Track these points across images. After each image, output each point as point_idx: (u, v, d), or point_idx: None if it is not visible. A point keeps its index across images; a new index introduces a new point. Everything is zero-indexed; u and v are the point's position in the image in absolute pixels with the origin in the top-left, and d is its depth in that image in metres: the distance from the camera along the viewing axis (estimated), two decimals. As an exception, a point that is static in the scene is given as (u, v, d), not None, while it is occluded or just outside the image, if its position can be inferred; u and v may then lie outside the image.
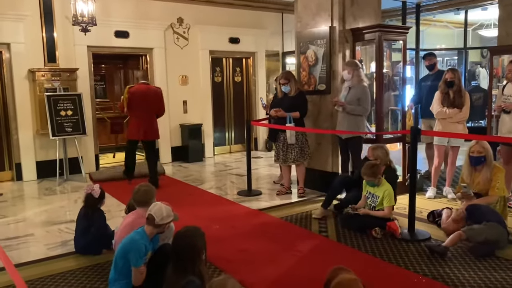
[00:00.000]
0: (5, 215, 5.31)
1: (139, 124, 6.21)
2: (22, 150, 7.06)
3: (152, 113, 6.32)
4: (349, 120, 5.30)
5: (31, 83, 7.04)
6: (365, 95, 5.28)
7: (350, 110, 5.24)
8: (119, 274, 2.92)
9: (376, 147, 4.65)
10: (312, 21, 5.92)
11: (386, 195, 4.25)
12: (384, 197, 4.25)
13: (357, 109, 5.24)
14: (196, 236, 2.59)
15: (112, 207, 5.37)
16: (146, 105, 6.19)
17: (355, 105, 5.24)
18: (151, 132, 6.32)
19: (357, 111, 5.25)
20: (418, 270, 3.46)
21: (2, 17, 6.71)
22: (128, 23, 7.86)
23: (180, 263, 2.51)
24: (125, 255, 2.88)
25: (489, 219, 3.82)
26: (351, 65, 5.27)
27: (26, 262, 3.79)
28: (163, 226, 2.98)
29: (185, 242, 2.55)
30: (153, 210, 2.94)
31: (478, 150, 4.27)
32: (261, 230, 4.52)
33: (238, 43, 9.28)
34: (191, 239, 2.56)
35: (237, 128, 9.76)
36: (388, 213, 4.26)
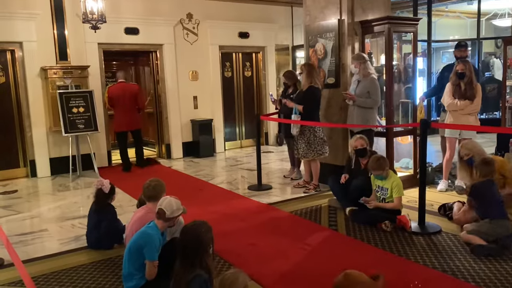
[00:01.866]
0: (20, 211, 5.41)
1: (123, 117, 7.40)
2: (36, 147, 7.18)
3: (132, 106, 7.46)
4: (359, 113, 5.28)
5: (44, 80, 7.14)
6: (375, 87, 5.24)
7: (360, 103, 5.22)
8: (134, 269, 2.94)
9: (361, 136, 4.71)
10: (320, 14, 5.89)
11: (395, 186, 4.23)
12: (392, 188, 4.24)
13: (367, 101, 5.22)
14: (203, 230, 2.61)
15: (123, 202, 5.43)
16: (125, 100, 7.35)
17: (365, 98, 5.21)
18: (134, 123, 7.50)
19: (367, 103, 5.22)
20: (428, 263, 3.44)
21: (14, 16, 6.81)
22: (138, 20, 7.91)
23: (187, 257, 2.53)
24: (140, 250, 2.90)
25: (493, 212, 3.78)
26: (358, 59, 5.25)
27: (41, 257, 3.87)
28: (173, 220, 3.01)
29: (192, 236, 2.56)
30: (163, 204, 2.97)
31: (465, 154, 4.27)
32: (271, 224, 4.54)
33: (247, 37, 9.27)
34: (198, 233, 2.57)
35: (247, 123, 9.78)
36: (397, 204, 4.25)
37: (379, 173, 4.27)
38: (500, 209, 3.80)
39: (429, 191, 4.79)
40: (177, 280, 2.57)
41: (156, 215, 2.99)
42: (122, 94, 7.34)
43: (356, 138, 4.69)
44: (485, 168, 3.88)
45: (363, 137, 4.69)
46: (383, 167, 4.25)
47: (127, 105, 7.37)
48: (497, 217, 3.73)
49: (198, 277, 2.45)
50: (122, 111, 7.38)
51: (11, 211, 5.40)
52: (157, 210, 2.98)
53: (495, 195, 3.86)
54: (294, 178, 6.41)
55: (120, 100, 7.33)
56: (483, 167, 3.89)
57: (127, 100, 7.36)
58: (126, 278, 2.98)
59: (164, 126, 8.62)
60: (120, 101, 7.33)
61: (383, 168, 4.25)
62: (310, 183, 5.80)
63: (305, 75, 5.55)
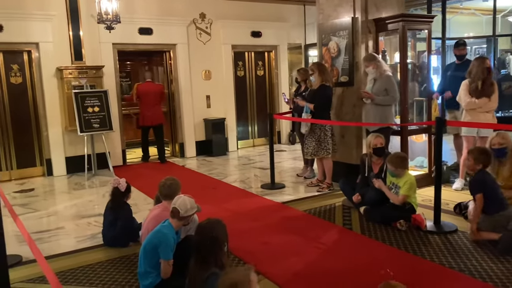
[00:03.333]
0: (37, 209, 5.50)
1: (147, 113, 8.03)
2: (52, 146, 7.28)
3: (156, 103, 8.12)
4: (376, 112, 5.23)
5: (59, 81, 7.24)
6: (391, 84, 5.21)
7: (379, 101, 5.17)
8: (149, 267, 2.96)
9: (378, 135, 4.64)
10: (334, 12, 5.87)
11: (407, 184, 4.21)
12: (403, 185, 4.22)
13: (386, 99, 5.18)
14: (217, 228, 2.62)
15: (139, 201, 5.48)
16: (150, 97, 8.04)
17: (383, 96, 5.18)
18: (157, 117, 8.12)
19: (386, 101, 5.19)
20: (444, 262, 3.41)
21: (31, 17, 6.91)
22: (152, 20, 7.97)
23: (202, 255, 2.54)
24: (155, 249, 2.92)
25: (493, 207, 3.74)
26: (372, 60, 5.21)
27: (57, 254, 3.93)
28: (187, 218, 3.03)
29: (207, 234, 2.58)
30: (177, 203, 2.98)
31: (499, 142, 4.16)
32: (285, 223, 4.54)
33: (260, 36, 9.27)
34: (212, 231, 2.58)
35: (260, 122, 9.78)
36: (400, 199, 4.23)
37: (397, 172, 4.24)
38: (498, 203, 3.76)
39: (445, 190, 4.74)
40: (192, 278, 2.59)
41: (170, 214, 3.01)
42: (148, 92, 8.06)
43: (375, 136, 4.62)
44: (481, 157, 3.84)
45: (381, 136, 4.63)
46: (405, 166, 4.25)
47: (152, 102, 8.03)
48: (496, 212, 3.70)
49: (214, 275, 2.46)
50: (147, 107, 8.05)
51: (29, 209, 5.49)
52: (171, 209, 2.99)
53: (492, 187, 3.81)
54: (307, 177, 6.40)
55: (145, 97, 8.04)
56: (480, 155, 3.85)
57: (152, 97, 8.04)
58: (142, 276, 3.00)
59: (178, 125, 8.68)
60: (145, 98, 8.03)
61: (404, 167, 4.24)
62: (323, 182, 5.78)
63: (316, 74, 5.56)
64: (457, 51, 6.14)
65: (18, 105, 7.18)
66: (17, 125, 7.19)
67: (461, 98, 5.22)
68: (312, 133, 5.58)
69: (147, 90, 8.06)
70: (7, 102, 7.09)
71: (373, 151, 4.60)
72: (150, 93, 8.05)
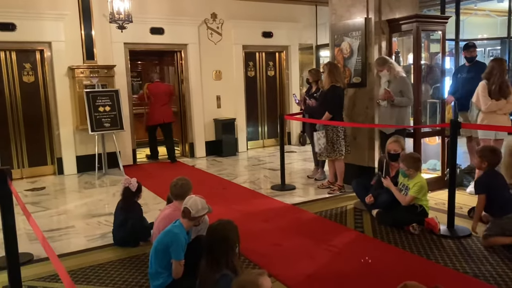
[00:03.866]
0: (47, 207, 5.52)
1: (157, 112, 8.13)
2: (63, 145, 7.32)
3: (166, 102, 8.23)
4: (392, 113, 5.15)
5: (71, 80, 7.27)
6: (407, 86, 5.16)
7: (398, 102, 5.09)
8: (160, 267, 2.94)
9: (397, 138, 4.57)
10: (347, 13, 5.82)
11: (416, 186, 4.16)
12: (412, 187, 4.18)
13: (403, 100, 5.11)
14: (229, 229, 2.59)
15: (149, 200, 5.48)
16: (161, 97, 8.13)
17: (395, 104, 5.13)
18: (167, 115, 8.21)
19: (403, 102, 5.12)
20: (458, 267, 3.35)
21: (43, 16, 6.95)
22: (163, 20, 7.98)
23: (213, 256, 2.52)
24: (166, 249, 2.90)
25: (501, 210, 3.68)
26: (383, 63, 5.14)
27: (68, 253, 3.93)
28: (198, 219, 3.01)
29: (218, 235, 2.55)
30: (189, 203, 2.96)
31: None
32: (296, 225, 4.50)
33: (271, 37, 9.24)
34: (224, 232, 2.56)
35: (270, 123, 9.75)
36: (407, 200, 4.19)
37: (409, 172, 4.19)
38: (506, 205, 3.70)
39: (458, 193, 4.67)
40: (203, 279, 2.57)
41: (182, 214, 2.99)
42: (158, 91, 8.16)
43: (392, 141, 4.55)
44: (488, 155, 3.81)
45: (398, 141, 4.53)
46: (417, 167, 4.21)
47: (161, 101, 8.15)
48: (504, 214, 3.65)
49: (225, 276, 2.44)
50: (156, 106, 8.14)
51: (40, 207, 5.52)
52: (183, 209, 2.98)
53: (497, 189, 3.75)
54: (318, 179, 6.35)
55: (156, 96, 8.13)
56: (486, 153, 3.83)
57: (162, 97, 8.17)
58: (153, 276, 2.99)
59: (188, 125, 8.68)
60: (156, 98, 8.13)
61: (417, 169, 4.20)
62: (334, 184, 5.73)
63: (326, 74, 5.51)
64: (467, 53, 6.11)
65: (30, 103, 7.22)
66: (29, 123, 7.24)
67: (480, 100, 5.09)
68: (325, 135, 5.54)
69: (157, 90, 8.15)
70: (19, 100, 7.14)
71: (388, 155, 4.55)
72: (160, 93, 8.14)
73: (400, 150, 4.47)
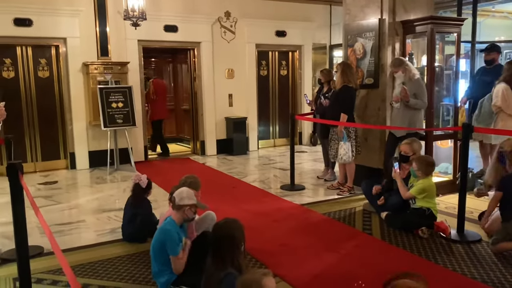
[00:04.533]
0: (59, 201, 5.60)
1: (160, 107, 8.80)
2: (76, 140, 7.41)
3: (165, 99, 9.09)
4: (405, 116, 5.06)
5: (85, 76, 7.35)
6: (421, 88, 5.07)
7: (412, 104, 4.99)
8: (162, 265, 2.98)
9: (411, 141, 4.51)
10: (361, 13, 5.78)
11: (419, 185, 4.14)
12: (414, 186, 4.18)
13: (418, 102, 5.03)
14: (234, 227, 2.60)
15: (159, 197, 5.51)
16: (162, 93, 8.88)
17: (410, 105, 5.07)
18: (167, 112, 9.14)
19: (418, 105, 5.04)
20: (467, 272, 3.32)
21: (59, 12, 7.04)
22: (177, 18, 8.01)
23: (219, 254, 2.53)
24: (162, 246, 2.94)
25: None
26: (399, 65, 5.04)
27: (78, 247, 3.98)
28: (183, 209, 3.00)
29: (224, 233, 2.57)
30: (175, 193, 3.04)
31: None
32: (304, 225, 4.49)
33: (284, 36, 9.23)
34: (229, 231, 2.57)
35: (281, 122, 9.74)
36: (406, 195, 4.21)
37: (418, 173, 4.17)
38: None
39: (469, 198, 4.62)
40: (208, 276, 2.58)
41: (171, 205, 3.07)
42: (161, 88, 8.86)
43: (405, 143, 4.51)
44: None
45: (411, 144, 4.46)
46: (428, 172, 4.17)
47: (163, 96, 8.94)
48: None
49: (230, 275, 2.44)
50: (160, 101, 8.78)
51: (52, 201, 5.60)
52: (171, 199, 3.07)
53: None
54: (327, 180, 6.33)
55: (159, 92, 8.75)
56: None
57: (163, 92, 8.93)
58: (157, 275, 3.02)
59: (199, 123, 8.71)
60: (159, 93, 8.75)
61: (426, 173, 4.16)
62: (344, 185, 5.71)
63: (338, 74, 5.48)
64: (486, 56, 6.05)
65: (44, 98, 7.33)
66: (43, 118, 7.34)
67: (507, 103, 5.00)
68: (336, 136, 5.52)
69: (160, 86, 8.83)
70: (34, 95, 7.25)
71: (399, 155, 4.52)
72: (162, 89, 8.86)
73: (410, 153, 4.42)
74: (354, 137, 5.50)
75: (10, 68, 7.05)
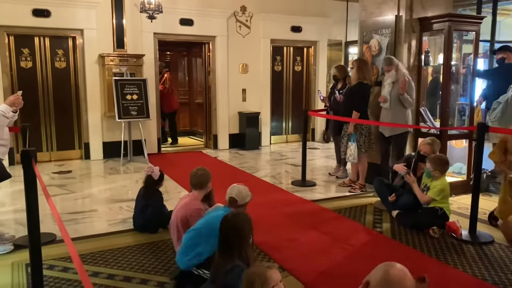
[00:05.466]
0: (73, 190, 5.68)
1: (173, 99, 9.35)
2: (91, 131, 7.50)
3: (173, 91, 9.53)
4: (393, 116, 5.20)
5: (101, 67, 7.43)
6: (410, 87, 5.15)
7: (403, 99, 5.10)
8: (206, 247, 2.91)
9: (433, 142, 4.48)
10: (377, 10, 5.72)
11: (437, 187, 4.10)
12: (432, 188, 4.12)
13: (408, 99, 5.11)
14: (242, 220, 2.61)
15: (170, 189, 5.57)
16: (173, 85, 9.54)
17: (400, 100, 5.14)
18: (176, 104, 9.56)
19: (408, 102, 5.12)
20: (478, 274, 3.28)
21: (77, 4, 7.12)
22: (193, 11, 8.04)
23: (227, 246, 2.54)
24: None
25: None
26: (391, 63, 5.17)
27: (89, 236, 4.04)
28: (245, 206, 3.10)
29: (232, 226, 2.57)
30: (234, 193, 3.07)
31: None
32: (314, 221, 4.48)
33: (300, 31, 9.18)
34: (237, 224, 2.58)
35: (294, 118, 9.71)
36: (425, 199, 4.16)
37: (434, 173, 4.13)
38: None
39: (483, 198, 4.55)
40: (216, 268, 2.59)
41: (227, 203, 3.09)
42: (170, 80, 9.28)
43: (425, 143, 4.51)
44: None
45: (431, 145, 4.44)
46: (443, 170, 4.14)
47: (172, 89, 9.45)
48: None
49: (237, 267, 2.45)
50: (172, 93, 9.34)
51: (65, 190, 5.68)
52: (228, 199, 3.08)
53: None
54: (339, 177, 6.31)
55: (170, 84, 9.28)
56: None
57: (173, 85, 9.51)
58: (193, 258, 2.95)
59: (213, 117, 8.74)
60: (171, 85, 9.29)
61: (442, 171, 4.13)
62: (356, 183, 5.68)
63: (354, 70, 5.45)
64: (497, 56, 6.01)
65: (61, 89, 7.42)
66: (59, 108, 7.44)
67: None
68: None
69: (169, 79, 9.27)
70: (51, 85, 7.35)
71: (417, 154, 4.50)
72: (172, 81, 9.38)
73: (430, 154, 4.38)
74: (367, 134, 5.46)
75: (28, 58, 7.15)
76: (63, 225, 2.05)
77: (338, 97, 6.11)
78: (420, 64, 5.53)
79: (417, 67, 5.53)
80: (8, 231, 4.05)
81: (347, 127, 5.57)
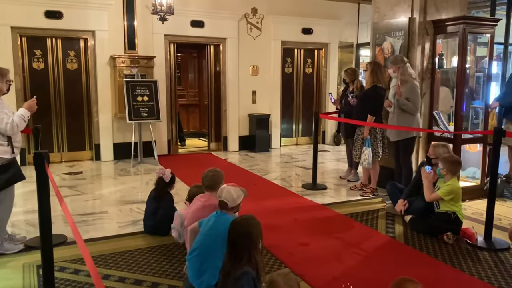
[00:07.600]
0: (83, 191, 5.69)
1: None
2: (102, 132, 7.52)
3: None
4: (399, 121, 5.08)
5: (112, 69, 7.45)
6: (414, 94, 5.00)
7: (401, 103, 4.99)
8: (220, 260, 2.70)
9: (437, 144, 4.44)
10: (390, 12, 5.66)
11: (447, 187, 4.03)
12: (442, 187, 4.06)
13: (408, 105, 4.98)
14: (252, 224, 2.57)
15: (181, 191, 5.53)
16: None
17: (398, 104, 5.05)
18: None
19: (408, 107, 4.98)
20: (494, 281, 3.21)
21: (89, 6, 7.15)
22: (204, 13, 8.04)
23: (236, 251, 2.49)
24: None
25: None
26: (396, 63, 5.02)
27: (100, 238, 4.03)
28: (238, 207, 3.03)
29: (241, 230, 2.53)
30: (223, 195, 2.96)
31: None
32: (325, 225, 4.44)
33: (311, 33, 9.14)
34: (246, 228, 2.54)
35: (305, 120, 9.66)
36: (432, 197, 4.09)
37: (443, 171, 4.07)
38: None
39: (498, 204, 4.47)
40: (225, 274, 2.55)
41: (219, 207, 2.99)
42: None
43: (431, 145, 4.47)
44: None
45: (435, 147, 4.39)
46: (454, 171, 4.07)
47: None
48: None
49: (246, 274, 2.41)
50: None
51: (76, 191, 5.69)
52: (219, 202, 2.98)
53: None
54: (350, 180, 6.25)
55: None
56: None
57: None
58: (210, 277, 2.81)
59: (223, 118, 8.72)
60: None
61: (453, 172, 4.06)
62: (367, 187, 5.62)
63: (368, 73, 5.39)
64: None
65: (72, 90, 7.46)
66: (70, 109, 7.47)
67: None
68: (362, 136, 5.43)
69: None
70: (62, 86, 7.39)
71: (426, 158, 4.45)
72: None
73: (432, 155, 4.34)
74: (380, 138, 5.40)
75: (40, 59, 7.20)
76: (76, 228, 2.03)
77: (352, 100, 6.04)
78: (434, 67, 5.45)
79: (431, 70, 5.46)
80: (19, 232, 4.06)
81: (360, 131, 5.51)
